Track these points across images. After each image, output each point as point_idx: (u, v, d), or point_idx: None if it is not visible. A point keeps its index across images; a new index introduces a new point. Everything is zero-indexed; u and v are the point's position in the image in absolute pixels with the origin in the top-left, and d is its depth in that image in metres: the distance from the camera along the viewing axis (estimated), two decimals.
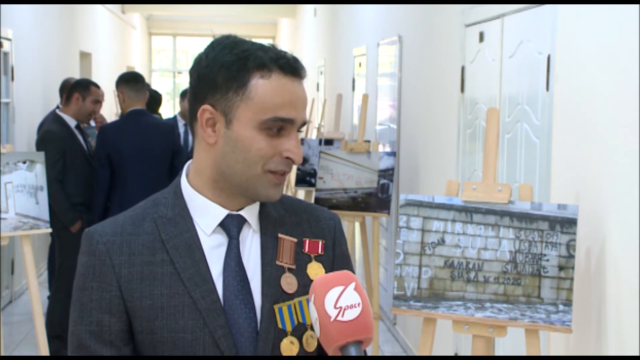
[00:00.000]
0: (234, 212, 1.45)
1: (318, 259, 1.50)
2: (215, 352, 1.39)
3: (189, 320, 1.39)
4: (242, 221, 1.46)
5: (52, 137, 5.06)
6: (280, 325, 1.43)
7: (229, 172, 1.41)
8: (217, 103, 1.40)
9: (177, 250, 1.42)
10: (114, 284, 1.40)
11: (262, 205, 1.49)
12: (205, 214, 1.45)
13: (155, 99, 6.64)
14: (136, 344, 1.41)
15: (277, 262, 1.46)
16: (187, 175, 1.48)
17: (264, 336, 1.41)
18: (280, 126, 1.38)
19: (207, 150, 1.43)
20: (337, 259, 1.54)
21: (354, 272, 1.56)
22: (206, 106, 1.41)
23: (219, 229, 1.45)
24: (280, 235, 1.48)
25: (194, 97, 1.44)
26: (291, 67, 1.39)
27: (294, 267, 1.47)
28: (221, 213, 1.44)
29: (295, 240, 1.49)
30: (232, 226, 1.45)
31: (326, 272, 1.48)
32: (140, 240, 1.42)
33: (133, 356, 1.41)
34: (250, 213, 1.47)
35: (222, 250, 1.44)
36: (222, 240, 1.45)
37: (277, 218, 1.50)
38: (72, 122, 5.23)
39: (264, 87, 1.37)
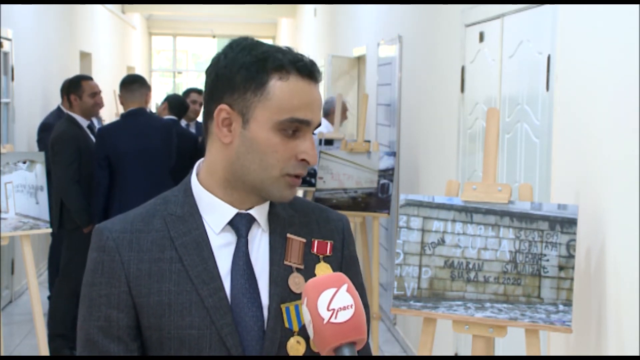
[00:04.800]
0: (243, 211, 1.46)
1: (326, 259, 1.51)
2: (222, 350, 1.40)
3: (196, 317, 1.40)
4: (251, 220, 1.46)
5: (67, 137, 5.08)
6: (287, 325, 1.43)
7: (243, 172, 1.42)
8: (235, 103, 1.41)
9: (186, 247, 1.43)
10: (123, 280, 1.41)
11: (271, 206, 1.50)
12: (215, 212, 1.46)
13: (183, 105, 6.58)
14: (143, 340, 1.43)
15: (285, 262, 1.46)
16: (197, 174, 1.49)
17: (271, 335, 1.42)
18: (295, 127, 1.39)
19: (222, 150, 1.44)
20: (346, 260, 1.54)
21: (361, 275, 1.57)
22: (223, 106, 1.42)
23: (228, 227, 1.46)
24: (289, 235, 1.49)
25: (210, 96, 1.45)
26: (308, 70, 1.41)
27: (302, 267, 1.47)
28: (230, 212, 1.45)
29: (304, 240, 1.50)
30: (241, 225, 1.45)
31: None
32: (150, 237, 1.44)
33: (140, 356, 1.42)
34: (260, 213, 1.48)
35: (231, 249, 1.45)
36: (230, 238, 1.46)
37: (287, 218, 1.50)
38: (84, 123, 5.27)
39: (281, 88, 1.39)
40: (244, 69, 1.40)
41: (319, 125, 1.44)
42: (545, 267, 2.57)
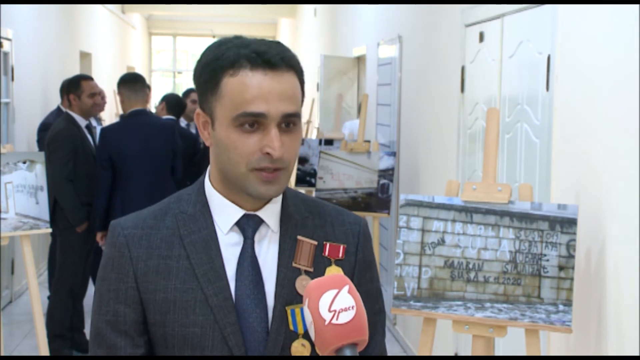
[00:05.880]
0: (251, 212, 1.46)
1: (338, 263, 1.49)
2: (224, 349, 1.40)
3: (200, 315, 1.41)
4: (259, 222, 1.46)
5: (63, 136, 5.08)
6: (291, 327, 1.43)
7: (224, 171, 1.43)
8: (205, 106, 1.43)
9: (194, 246, 1.43)
10: (131, 276, 1.43)
11: (284, 207, 1.49)
12: (223, 212, 1.46)
13: (181, 105, 6.59)
14: (149, 336, 1.44)
15: (294, 264, 1.45)
16: (209, 174, 1.50)
17: (274, 337, 1.42)
18: (252, 121, 1.37)
19: (211, 152, 1.46)
20: (359, 265, 1.52)
21: (378, 280, 1.55)
22: (199, 110, 1.45)
23: (235, 228, 1.46)
24: (299, 237, 1.48)
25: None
26: (261, 61, 1.37)
27: (311, 269, 1.46)
28: (237, 213, 1.45)
29: (315, 243, 1.48)
30: (247, 226, 1.45)
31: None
32: (160, 234, 1.45)
33: (140, 356, 1.43)
34: (269, 214, 1.47)
35: (238, 250, 1.45)
36: (238, 239, 1.46)
37: (299, 220, 1.49)
38: (82, 122, 5.27)
39: (231, 84, 1.38)
40: (205, 71, 1.41)
41: (292, 115, 1.38)
42: (545, 267, 2.57)
